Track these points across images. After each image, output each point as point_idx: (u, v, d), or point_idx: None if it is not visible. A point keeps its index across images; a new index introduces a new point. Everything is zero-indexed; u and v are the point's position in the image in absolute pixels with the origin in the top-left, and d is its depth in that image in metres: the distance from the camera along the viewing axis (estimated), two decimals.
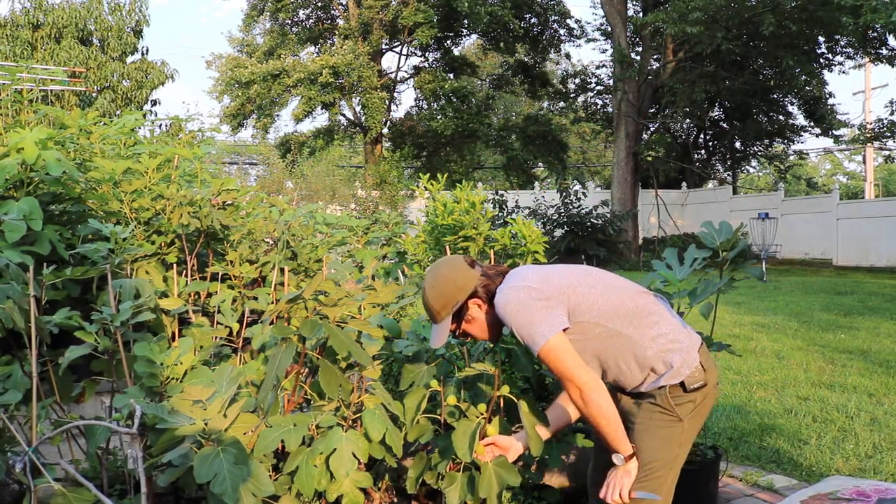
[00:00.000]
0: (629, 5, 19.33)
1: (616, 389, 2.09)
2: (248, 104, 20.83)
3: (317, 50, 22.26)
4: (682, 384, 1.95)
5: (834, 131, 20.10)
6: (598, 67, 22.68)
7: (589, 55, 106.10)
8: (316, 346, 2.23)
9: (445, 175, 3.89)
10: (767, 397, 4.60)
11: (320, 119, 48.25)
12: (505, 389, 2.26)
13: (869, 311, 8.21)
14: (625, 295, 1.99)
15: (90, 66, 15.26)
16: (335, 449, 2.08)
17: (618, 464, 1.96)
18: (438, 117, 21.20)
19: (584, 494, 2.84)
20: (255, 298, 2.85)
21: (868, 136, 15.55)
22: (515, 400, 2.25)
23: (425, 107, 23.06)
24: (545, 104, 25.99)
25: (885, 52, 15.28)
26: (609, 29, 19.28)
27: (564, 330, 1.91)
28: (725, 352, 2.69)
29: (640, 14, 19.28)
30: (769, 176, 33.81)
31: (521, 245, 3.27)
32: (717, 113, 23.05)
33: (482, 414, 2.25)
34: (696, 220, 20.27)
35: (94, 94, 15.62)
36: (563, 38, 22.63)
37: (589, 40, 22.69)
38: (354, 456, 2.10)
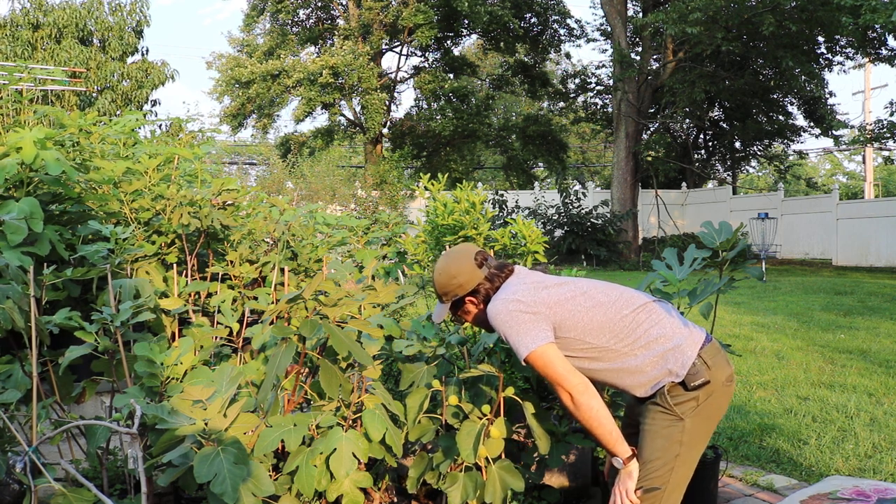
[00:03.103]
0: (629, 5, 19.33)
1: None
2: (247, 104, 20.84)
3: (317, 50, 22.27)
4: (682, 383, 1.95)
5: (834, 131, 20.08)
6: (598, 67, 22.69)
7: (589, 55, 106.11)
8: (316, 346, 2.24)
9: (446, 175, 3.88)
10: (767, 397, 4.60)
11: (320, 119, 48.33)
12: (510, 391, 2.26)
13: (868, 311, 8.21)
14: (612, 312, 2.00)
15: (90, 67, 15.26)
16: (335, 449, 2.08)
17: (618, 467, 1.97)
18: (438, 117, 21.21)
19: (585, 494, 2.84)
20: (255, 298, 2.85)
21: (868, 136, 15.51)
22: (520, 401, 2.25)
23: (425, 107, 23.07)
24: (545, 104, 26.01)
25: (884, 52, 15.26)
26: (609, 29, 19.28)
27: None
28: (725, 352, 2.69)
29: (640, 14, 19.27)
30: (769, 176, 33.80)
31: (521, 245, 3.26)
32: (716, 113, 23.05)
33: (486, 415, 2.25)
34: (696, 220, 20.28)
35: (94, 95, 15.62)
36: (563, 38, 22.64)
37: (589, 40, 22.70)
38: (354, 456, 2.10)
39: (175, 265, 2.82)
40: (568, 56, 27.23)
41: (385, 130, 21.89)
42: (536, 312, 1.97)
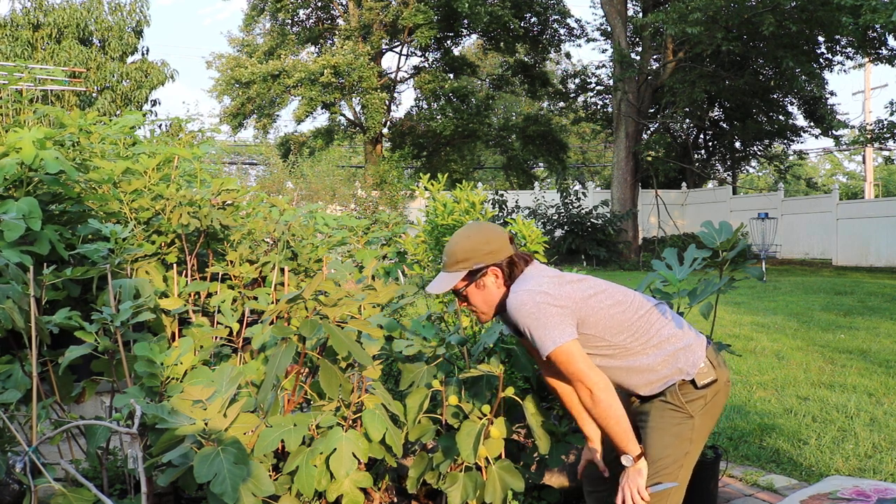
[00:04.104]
0: (629, 5, 19.33)
1: (628, 394, 2.10)
2: (247, 104, 20.84)
3: (317, 50, 22.27)
4: (692, 381, 1.98)
5: (834, 131, 20.10)
6: (598, 67, 22.70)
7: (589, 55, 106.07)
8: (316, 346, 2.23)
9: (445, 175, 3.88)
10: (767, 397, 4.60)
11: (320, 119, 48.34)
12: (510, 391, 2.26)
13: (868, 311, 8.21)
14: (630, 311, 2.01)
15: (90, 67, 15.26)
16: (335, 449, 2.08)
17: (627, 465, 1.97)
18: (438, 117, 21.22)
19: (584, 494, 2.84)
20: (255, 298, 2.85)
21: (868, 136, 15.50)
22: (520, 401, 2.25)
23: (425, 107, 23.08)
24: (545, 104, 26.01)
25: (884, 52, 15.26)
26: (609, 29, 19.28)
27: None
28: (725, 352, 2.69)
29: (640, 14, 19.27)
30: (769, 176, 33.80)
31: (521, 245, 3.26)
32: (716, 113, 23.06)
33: (486, 415, 2.25)
34: (696, 220, 20.27)
35: (94, 95, 15.63)
36: (563, 37, 22.64)
37: (589, 40, 22.70)
38: (354, 456, 2.10)
39: (175, 265, 2.82)
40: (568, 56, 27.23)
41: (385, 130, 21.89)
42: (564, 307, 1.95)
